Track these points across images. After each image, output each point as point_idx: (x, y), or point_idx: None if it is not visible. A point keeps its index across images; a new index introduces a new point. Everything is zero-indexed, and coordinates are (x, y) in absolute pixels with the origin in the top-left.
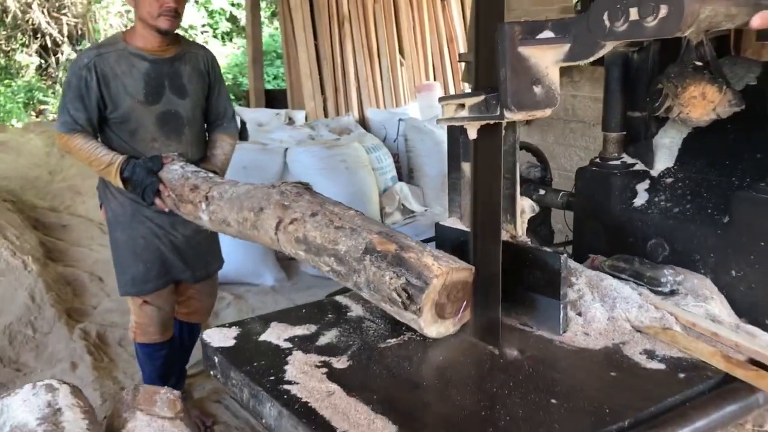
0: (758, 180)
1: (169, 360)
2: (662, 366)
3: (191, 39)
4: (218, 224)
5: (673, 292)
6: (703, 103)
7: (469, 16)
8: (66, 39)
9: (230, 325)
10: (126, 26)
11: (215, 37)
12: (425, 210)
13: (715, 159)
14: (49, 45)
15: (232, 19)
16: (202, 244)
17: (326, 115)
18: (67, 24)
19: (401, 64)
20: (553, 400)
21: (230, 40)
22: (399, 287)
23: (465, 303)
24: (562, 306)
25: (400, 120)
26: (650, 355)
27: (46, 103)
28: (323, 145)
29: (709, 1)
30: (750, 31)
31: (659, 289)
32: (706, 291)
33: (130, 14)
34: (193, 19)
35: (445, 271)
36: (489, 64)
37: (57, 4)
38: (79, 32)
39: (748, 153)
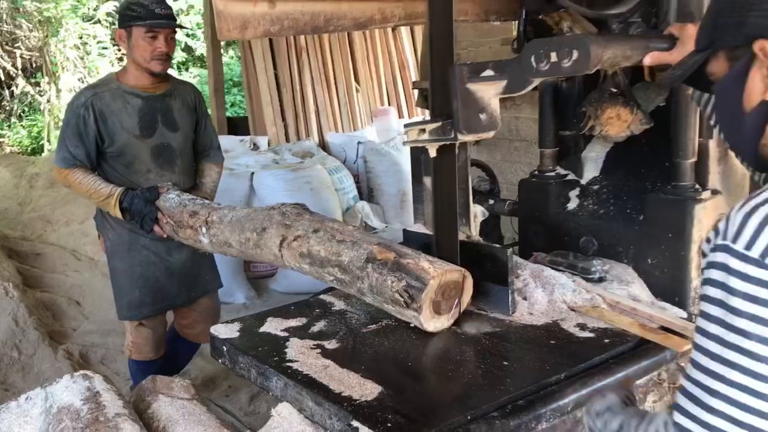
0: (666, 184)
1: (161, 372)
2: (591, 335)
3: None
4: (219, 246)
5: (601, 279)
6: (618, 122)
7: (419, 46)
8: (20, 72)
9: (232, 321)
10: (83, 58)
11: (171, 67)
12: (386, 226)
13: (632, 168)
14: (3, 78)
15: (188, 49)
16: (198, 265)
17: (288, 140)
18: (21, 57)
19: (357, 91)
20: (505, 362)
21: (186, 69)
22: (401, 289)
23: (457, 300)
24: (510, 292)
25: (359, 143)
26: (582, 327)
27: (2, 135)
28: (288, 168)
29: (610, 46)
30: None
31: (590, 276)
32: (628, 277)
33: (88, 47)
34: None
35: (440, 272)
36: (443, 96)
37: (11, 38)
38: (34, 65)
39: (657, 162)
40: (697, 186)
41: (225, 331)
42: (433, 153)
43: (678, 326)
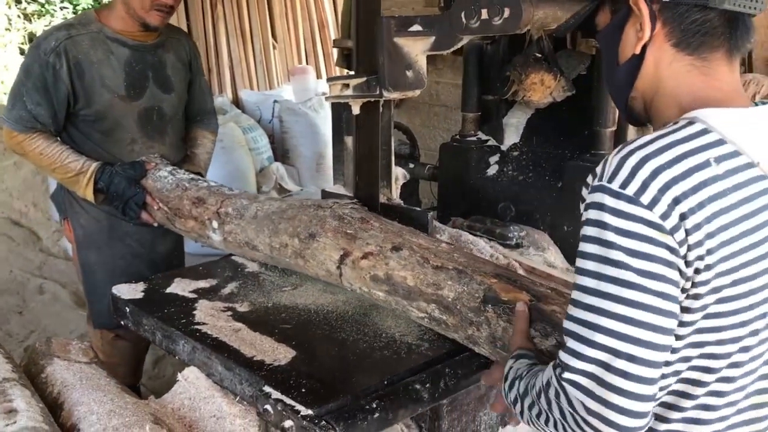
0: (584, 152)
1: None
2: None
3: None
4: (237, 247)
5: (518, 245)
6: (541, 88)
7: (340, 4)
8: None
9: (136, 281)
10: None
11: (75, 13)
12: (301, 189)
13: (552, 136)
14: None
15: None
16: (182, 258)
17: None
18: None
19: (274, 48)
20: (423, 327)
21: None
22: (547, 352)
23: None
24: None
25: (275, 102)
26: None
27: None
28: None
29: (541, 6)
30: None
31: (507, 242)
32: (544, 243)
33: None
34: None
35: None
36: (368, 51)
37: None
38: None
39: (577, 130)
40: None
41: (128, 291)
42: (356, 110)
43: None
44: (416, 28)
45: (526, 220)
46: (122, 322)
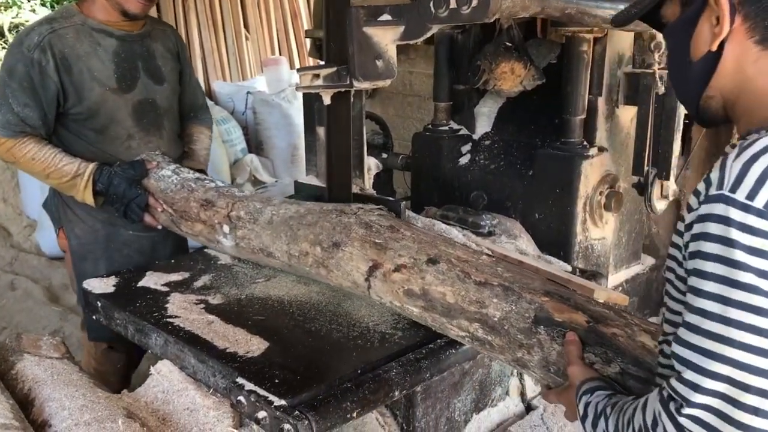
0: (555, 140)
1: None
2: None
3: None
4: (251, 253)
5: (490, 233)
6: (512, 77)
7: None
8: None
9: (107, 275)
10: None
11: (44, 4)
12: (276, 181)
13: (523, 124)
14: None
15: None
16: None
17: None
18: None
19: (246, 38)
20: (396, 317)
21: (53, 7)
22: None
23: None
24: None
25: (248, 93)
26: None
27: None
28: None
29: None
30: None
31: (479, 231)
32: (516, 231)
33: None
34: None
35: None
36: (338, 41)
37: None
38: None
39: (547, 118)
40: (585, 142)
41: (99, 286)
42: (327, 100)
43: (562, 279)
44: (386, 17)
45: (498, 208)
46: (94, 317)
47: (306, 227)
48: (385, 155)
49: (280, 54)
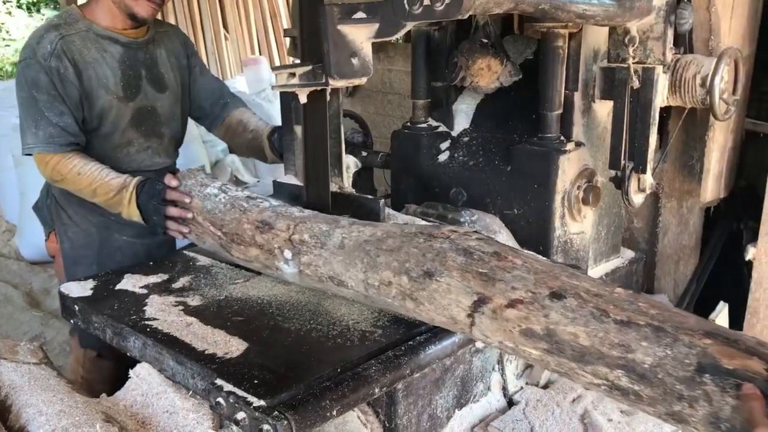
0: (532, 135)
1: None
2: None
3: None
4: (316, 281)
5: None
6: (489, 73)
7: None
8: None
9: (85, 278)
10: None
11: (20, 7)
12: (258, 181)
13: (501, 120)
14: None
15: None
16: None
17: None
18: None
19: (226, 39)
20: (375, 314)
21: (38, 10)
22: None
23: None
24: None
25: None
26: None
27: None
28: None
29: None
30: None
31: None
32: (495, 227)
33: None
34: None
35: None
36: (313, 39)
37: None
38: None
39: (525, 114)
40: (562, 137)
41: (77, 289)
42: (303, 99)
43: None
44: (360, 15)
45: (478, 204)
46: (71, 321)
47: (387, 253)
48: (364, 153)
49: (260, 54)
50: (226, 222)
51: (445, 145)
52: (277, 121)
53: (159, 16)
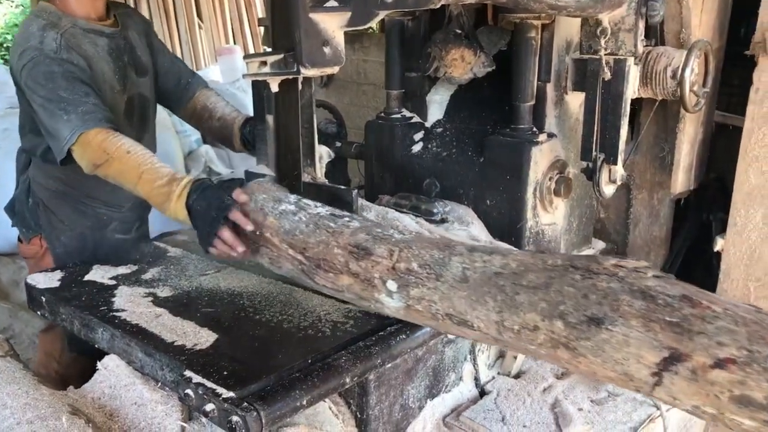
0: (505, 126)
1: None
2: None
3: None
4: (429, 318)
5: (443, 220)
6: (462, 64)
7: None
8: None
9: (53, 269)
10: None
11: None
12: (231, 172)
13: (474, 111)
14: None
15: None
16: None
17: None
18: None
19: (200, 28)
20: (347, 305)
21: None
22: None
23: None
24: None
25: None
26: None
27: None
28: None
29: None
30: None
31: (432, 218)
32: (468, 218)
33: None
34: None
35: None
36: (285, 27)
37: None
38: None
39: (498, 105)
40: (535, 129)
41: (44, 280)
42: (274, 87)
43: None
44: (332, 3)
45: (451, 195)
46: (38, 312)
47: (530, 291)
48: (338, 144)
49: (234, 43)
50: (310, 245)
51: (418, 136)
52: (250, 110)
53: (132, 4)
